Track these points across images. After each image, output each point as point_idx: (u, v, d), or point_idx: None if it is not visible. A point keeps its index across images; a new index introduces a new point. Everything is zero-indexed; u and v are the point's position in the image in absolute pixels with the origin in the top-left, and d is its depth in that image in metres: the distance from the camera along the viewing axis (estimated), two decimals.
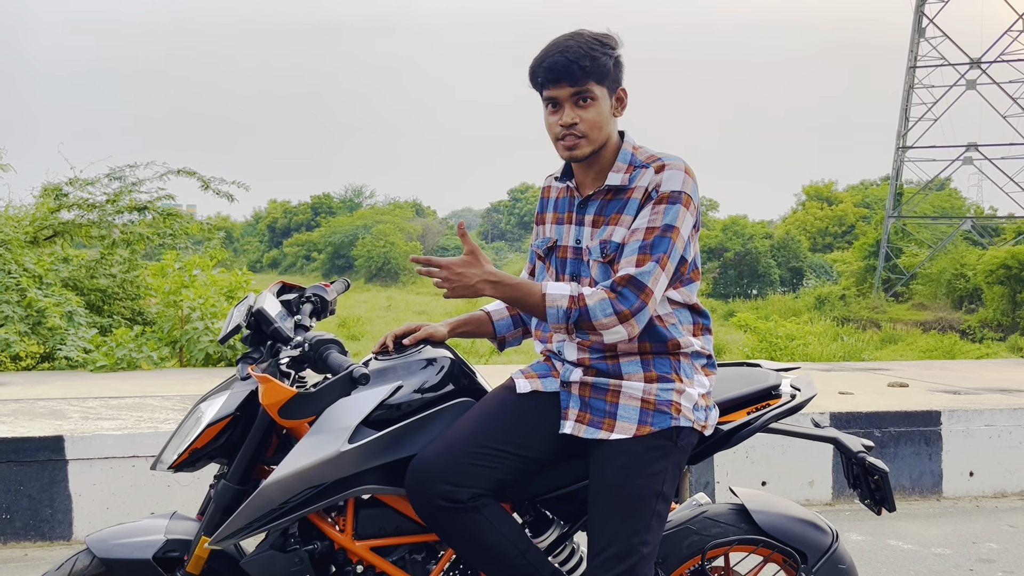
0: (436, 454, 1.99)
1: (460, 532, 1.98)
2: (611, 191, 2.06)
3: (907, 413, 4.82)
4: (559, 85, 1.99)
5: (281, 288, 2.30)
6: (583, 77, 1.98)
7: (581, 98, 2.00)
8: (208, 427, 2.02)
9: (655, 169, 2.02)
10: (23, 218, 9.52)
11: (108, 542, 2.09)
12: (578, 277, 2.11)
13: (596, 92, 2.00)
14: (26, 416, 4.55)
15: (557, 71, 1.98)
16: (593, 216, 2.08)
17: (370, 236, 53.98)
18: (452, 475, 1.96)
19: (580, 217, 2.11)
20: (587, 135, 2.01)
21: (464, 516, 1.96)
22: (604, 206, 2.07)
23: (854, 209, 53.92)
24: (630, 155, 2.07)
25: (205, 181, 10.09)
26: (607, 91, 2.03)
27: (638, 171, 2.05)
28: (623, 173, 2.06)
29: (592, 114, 2.01)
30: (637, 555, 1.97)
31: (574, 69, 1.97)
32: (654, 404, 2.03)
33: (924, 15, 37.24)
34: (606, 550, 1.97)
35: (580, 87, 1.99)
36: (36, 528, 3.94)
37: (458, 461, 1.97)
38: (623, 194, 2.05)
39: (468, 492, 1.96)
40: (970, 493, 4.86)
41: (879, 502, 2.22)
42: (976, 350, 19.98)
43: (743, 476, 4.51)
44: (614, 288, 1.95)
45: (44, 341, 8.07)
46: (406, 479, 2.00)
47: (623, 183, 2.04)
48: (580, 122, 2.01)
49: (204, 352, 7.80)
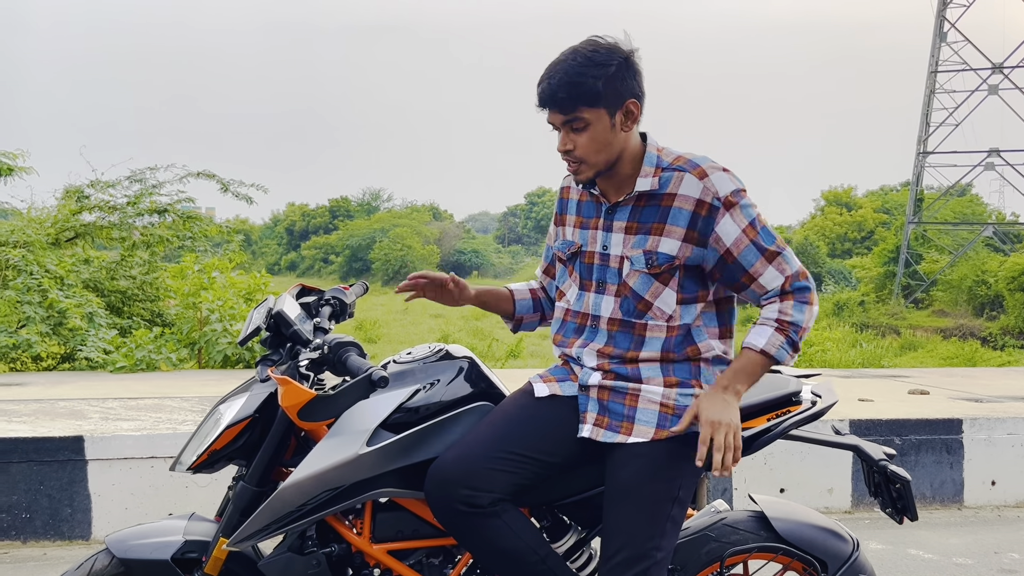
0: (456, 459, 1.97)
1: (480, 537, 1.97)
2: (642, 197, 2.03)
3: (928, 421, 4.77)
4: (552, 112, 1.98)
5: (300, 291, 2.31)
6: (569, 105, 1.94)
7: (572, 126, 1.97)
8: (227, 429, 2.03)
9: (696, 175, 1.98)
10: (45, 220, 9.63)
11: (127, 542, 2.10)
12: (604, 284, 2.08)
13: (588, 117, 1.95)
14: (47, 416, 4.59)
15: (546, 99, 1.97)
16: (625, 223, 2.04)
17: (387, 239, 54.15)
18: (472, 480, 1.94)
19: (608, 223, 2.07)
20: (585, 159, 1.99)
21: (484, 521, 1.95)
22: (637, 212, 2.03)
23: (873, 215, 53.48)
24: (656, 158, 2.04)
25: (224, 184, 10.16)
26: (605, 111, 1.96)
27: (670, 175, 2.00)
28: (652, 177, 2.02)
29: (586, 139, 1.97)
30: (651, 559, 1.94)
31: (561, 98, 1.94)
32: (673, 408, 2.01)
33: (946, 19, 36.92)
34: (619, 553, 1.95)
35: (570, 115, 1.96)
36: (55, 528, 3.97)
37: (478, 465, 1.96)
38: (658, 200, 2.01)
39: (488, 497, 1.95)
40: (992, 502, 4.80)
41: (901, 511, 2.19)
42: (998, 357, 19.76)
43: (761, 483, 4.48)
44: (787, 292, 2.02)
45: (65, 342, 8.15)
46: (426, 483, 1.99)
47: (653, 187, 2.01)
48: (575, 148, 1.98)
49: (222, 354, 7.86)
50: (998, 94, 35.99)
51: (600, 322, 2.08)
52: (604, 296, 2.08)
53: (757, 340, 1.99)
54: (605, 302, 2.08)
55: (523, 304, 2.35)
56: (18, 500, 3.94)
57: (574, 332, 2.14)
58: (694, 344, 2.04)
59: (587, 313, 2.11)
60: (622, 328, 2.06)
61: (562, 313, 2.19)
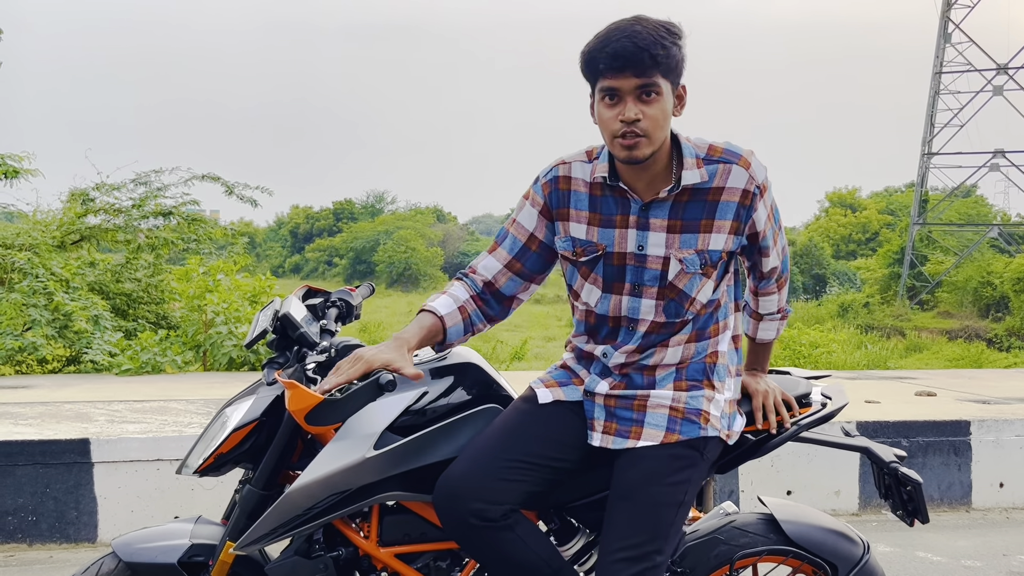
0: (463, 472, 1.93)
1: (493, 550, 1.94)
2: (686, 191, 1.91)
3: (936, 423, 4.74)
4: (623, 75, 1.79)
5: (307, 292, 2.29)
6: (652, 68, 1.78)
7: (645, 92, 1.80)
8: (234, 432, 2.01)
9: (743, 166, 1.91)
10: (51, 223, 9.62)
11: (133, 546, 2.09)
12: (640, 287, 1.96)
13: (662, 86, 1.81)
14: (52, 419, 4.59)
15: (624, 58, 1.77)
16: (666, 221, 1.92)
17: (391, 242, 54.12)
18: (483, 492, 1.90)
19: (643, 221, 1.93)
20: (649, 134, 1.82)
21: (497, 535, 1.91)
22: (680, 209, 1.91)
23: (878, 216, 53.34)
24: (692, 148, 1.92)
25: (229, 186, 10.15)
26: (671, 86, 1.85)
27: (714, 166, 1.91)
28: (697, 170, 1.90)
29: (656, 110, 1.82)
30: (649, 562, 1.90)
31: (644, 58, 1.77)
32: (683, 412, 1.99)
33: (950, 20, 36.84)
34: (618, 552, 1.90)
35: (647, 79, 1.79)
36: (61, 530, 3.97)
37: (488, 477, 1.92)
38: (704, 195, 1.91)
39: (500, 509, 1.91)
40: (1000, 504, 4.77)
41: (912, 513, 2.17)
42: (1004, 359, 19.66)
43: (768, 485, 4.46)
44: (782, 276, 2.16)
45: (70, 344, 8.15)
46: (435, 498, 1.95)
47: (703, 180, 1.90)
48: (643, 118, 1.81)
49: (228, 356, 7.85)
50: (1003, 95, 35.90)
51: (639, 325, 1.99)
52: (642, 300, 1.97)
53: (769, 334, 2.25)
54: (644, 305, 1.98)
55: (454, 331, 2.03)
56: (24, 503, 3.94)
57: (609, 335, 2.04)
58: (717, 323, 2.04)
59: (620, 316, 2.01)
60: (662, 331, 2.00)
61: (584, 315, 2.07)
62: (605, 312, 2.02)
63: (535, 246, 2.06)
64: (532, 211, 2.05)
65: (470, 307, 2.05)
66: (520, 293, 2.11)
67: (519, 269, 2.07)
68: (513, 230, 2.08)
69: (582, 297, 2.05)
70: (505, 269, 2.07)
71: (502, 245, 2.08)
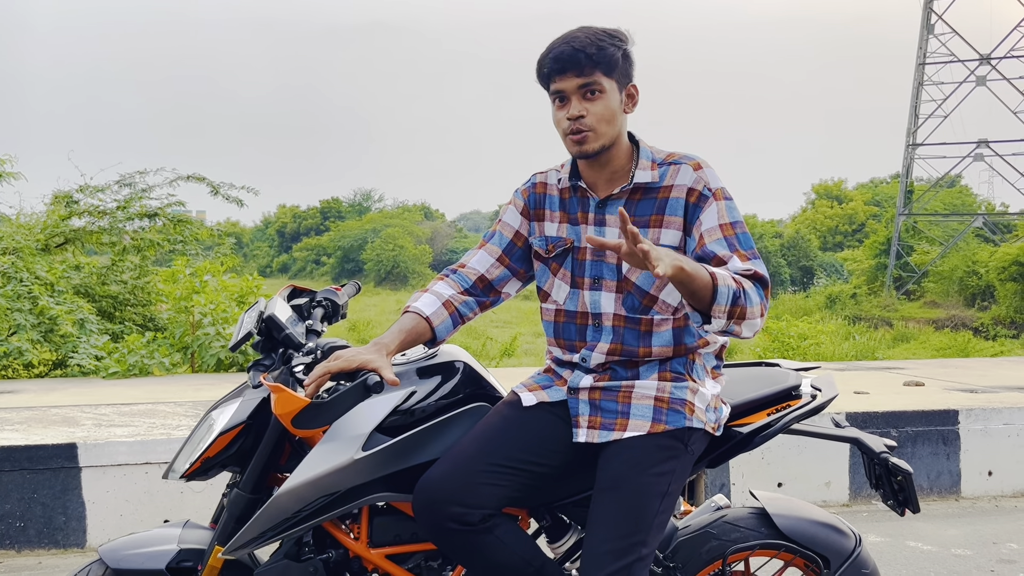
0: (443, 475, 1.93)
1: (473, 554, 1.94)
2: (638, 190, 2.01)
3: (924, 412, 4.77)
4: (565, 76, 1.94)
5: (292, 292, 2.27)
6: (590, 67, 1.92)
7: (588, 90, 1.94)
8: (220, 436, 1.99)
9: (692, 167, 1.99)
10: (34, 226, 9.54)
11: (121, 552, 2.07)
12: (600, 280, 2.05)
13: (604, 84, 1.94)
14: (39, 424, 4.55)
15: (563, 61, 1.93)
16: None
17: (379, 240, 54.03)
18: (462, 496, 1.90)
19: (600, 217, 2.04)
20: (595, 128, 1.95)
21: (476, 538, 1.91)
22: (632, 206, 2.00)
23: (864, 207, 53.63)
24: (651, 153, 2.04)
25: (214, 187, 10.09)
26: (616, 84, 1.97)
27: (666, 168, 2.00)
28: (650, 171, 2.01)
29: (600, 107, 1.95)
30: (635, 555, 1.90)
31: (580, 58, 1.91)
32: (668, 402, 1.99)
33: (933, 11, 37.03)
34: (603, 545, 1.89)
35: (587, 78, 1.93)
36: (50, 536, 3.94)
37: (467, 481, 1.92)
38: (655, 192, 1.99)
39: (479, 513, 1.91)
40: (989, 493, 4.80)
41: (903, 503, 2.18)
42: (990, 348, 19.82)
43: (759, 477, 4.46)
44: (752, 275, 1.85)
45: (56, 348, 8.09)
46: (413, 502, 1.95)
47: (653, 180, 2.00)
48: (587, 115, 1.94)
49: (216, 357, 7.82)
50: (986, 85, 36.13)
51: (603, 319, 2.04)
52: (602, 292, 2.04)
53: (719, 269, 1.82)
54: (604, 299, 2.04)
55: (443, 328, 2.07)
56: (11, 509, 3.90)
57: (576, 334, 2.09)
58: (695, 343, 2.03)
59: (586, 312, 2.06)
60: (628, 325, 2.02)
61: (553, 315, 2.12)
62: (573, 308, 2.08)
63: (520, 242, 2.18)
64: (515, 212, 2.19)
65: (456, 300, 2.12)
66: (508, 286, 2.20)
67: (508, 263, 2.19)
68: (500, 228, 2.20)
69: (552, 296, 2.13)
70: (497, 263, 2.18)
71: (491, 242, 2.20)
